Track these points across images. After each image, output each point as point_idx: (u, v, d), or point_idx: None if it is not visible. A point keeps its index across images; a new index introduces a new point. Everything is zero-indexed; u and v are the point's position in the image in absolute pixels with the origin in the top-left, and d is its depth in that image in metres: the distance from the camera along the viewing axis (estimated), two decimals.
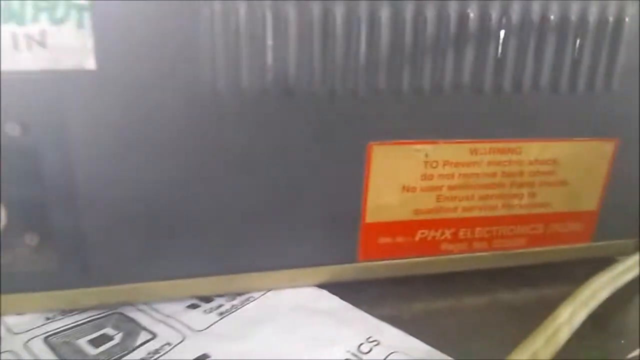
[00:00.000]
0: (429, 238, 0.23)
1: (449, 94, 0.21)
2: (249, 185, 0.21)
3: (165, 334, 0.20)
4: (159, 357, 0.18)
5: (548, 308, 0.20)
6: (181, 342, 0.19)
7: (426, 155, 0.22)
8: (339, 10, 0.19)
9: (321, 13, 0.19)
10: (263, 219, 0.21)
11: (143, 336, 0.20)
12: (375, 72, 0.20)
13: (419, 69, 0.20)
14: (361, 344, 0.20)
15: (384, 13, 0.19)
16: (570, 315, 0.19)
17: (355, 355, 0.19)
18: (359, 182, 0.22)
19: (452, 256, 0.24)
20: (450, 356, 0.19)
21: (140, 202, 0.20)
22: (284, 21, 0.19)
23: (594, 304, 0.21)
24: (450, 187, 0.23)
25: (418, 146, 0.21)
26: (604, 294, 0.21)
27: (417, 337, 0.20)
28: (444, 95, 0.21)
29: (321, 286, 0.23)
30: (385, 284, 0.24)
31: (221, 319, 0.21)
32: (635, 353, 0.20)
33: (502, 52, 0.21)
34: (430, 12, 0.20)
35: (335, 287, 0.23)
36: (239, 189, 0.20)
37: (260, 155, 0.20)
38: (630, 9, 0.22)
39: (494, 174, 0.23)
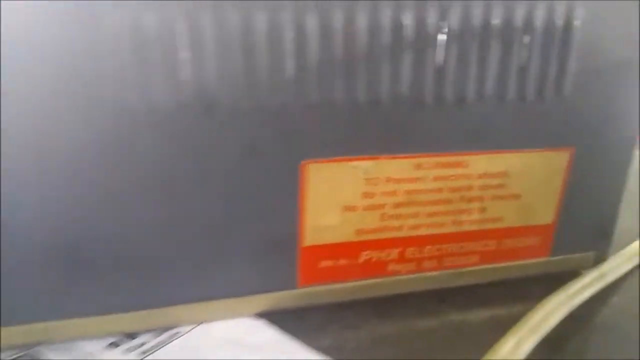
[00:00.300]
0: (374, 259, 0.22)
1: (386, 105, 0.19)
2: (172, 210, 0.19)
3: None
4: None
5: (504, 330, 0.19)
6: None
7: (365, 172, 0.20)
8: (260, 19, 0.17)
9: (240, 22, 0.17)
10: (190, 246, 0.19)
11: None
12: (305, 85, 0.18)
13: (353, 80, 0.19)
14: None
15: (310, 22, 0.18)
16: (516, 346, 0.17)
17: None
18: (294, 203, 0.20)
19: (400, 277, 0.22)
20: None
21: (50, 231, 0.18)
22: (199, 31, 0.17)
23: (546, 328, 0.19)
24: (395, 205, 0.21)
25: (355, 163, 0.20)
26: (557, 316, 0.20)
27: None
28: (381, 107, 0.19)
29: (260, 315, 0.21)
30: (329, 310, 0.22)
31: (143, 358, 0.19)
32: None
33: (442, 60, 0.20)
34: (361, 21, 0.18)
35: (274, 316, 0.21)
36: (161, 214, 0.19)
37: (182, 177, 0.18)
38: (580, 12, 0.21)
39: (440, 190, 0.21)
